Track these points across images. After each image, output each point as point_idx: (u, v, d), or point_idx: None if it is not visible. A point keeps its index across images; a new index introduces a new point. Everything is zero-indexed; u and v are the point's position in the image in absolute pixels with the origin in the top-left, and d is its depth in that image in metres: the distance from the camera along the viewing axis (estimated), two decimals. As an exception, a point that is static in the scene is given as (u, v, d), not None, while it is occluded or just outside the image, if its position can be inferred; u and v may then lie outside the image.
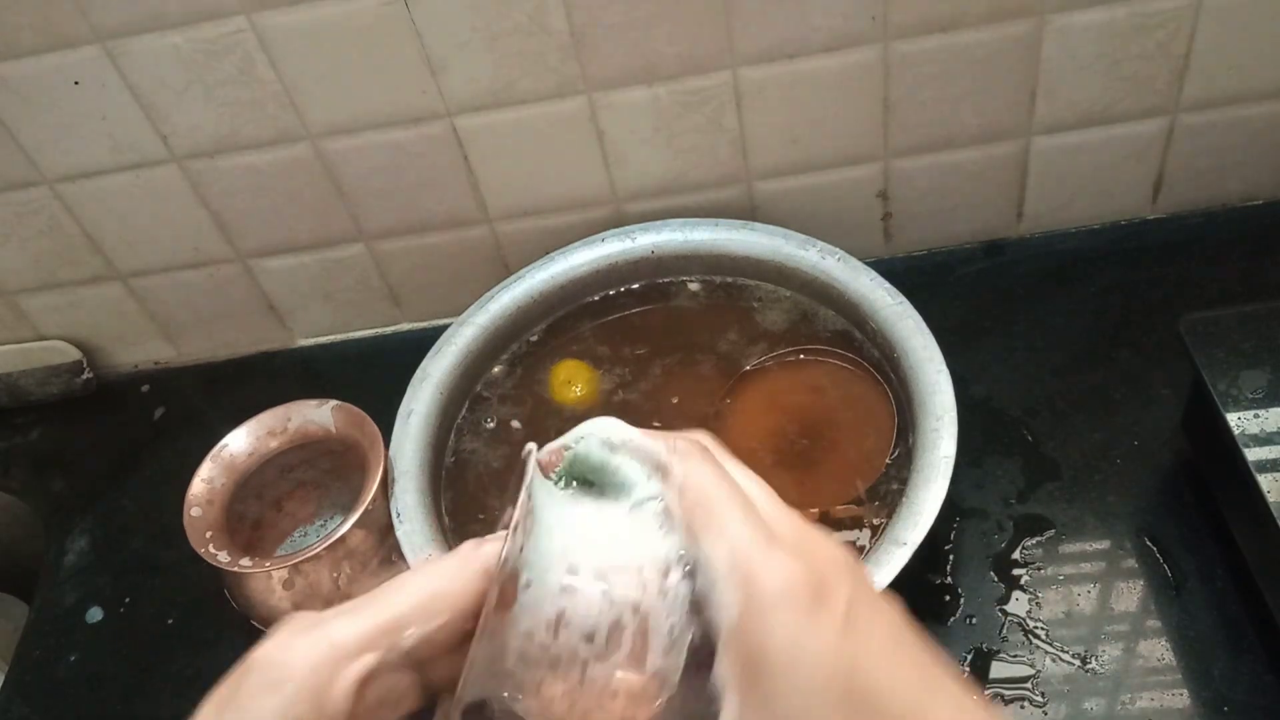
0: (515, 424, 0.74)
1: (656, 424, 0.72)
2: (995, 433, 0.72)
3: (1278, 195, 0.80)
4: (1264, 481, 0.55)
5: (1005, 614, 0.64)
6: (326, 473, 0.76)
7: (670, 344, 0.76)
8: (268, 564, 0.65)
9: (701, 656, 0.32)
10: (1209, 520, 0.65)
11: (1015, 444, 0.71)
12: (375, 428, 0.69)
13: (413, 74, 0.71)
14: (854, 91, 0.73)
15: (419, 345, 0.75)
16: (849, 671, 0.30)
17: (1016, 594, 0.64)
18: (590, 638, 0.32)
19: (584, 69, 0.72)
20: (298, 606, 0.66)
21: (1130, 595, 0.63)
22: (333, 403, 0.71)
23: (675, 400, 0.72)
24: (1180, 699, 0.59)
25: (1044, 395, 0.73)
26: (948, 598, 0.65)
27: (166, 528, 0.73)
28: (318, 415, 0.71)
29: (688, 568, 0.33)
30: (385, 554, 0.67)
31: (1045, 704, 0.60)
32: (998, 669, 0.61)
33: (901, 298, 0.69)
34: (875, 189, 0.79)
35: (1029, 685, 0.61)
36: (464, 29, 0.69)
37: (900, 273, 0.71)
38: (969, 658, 0.62)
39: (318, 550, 0.64)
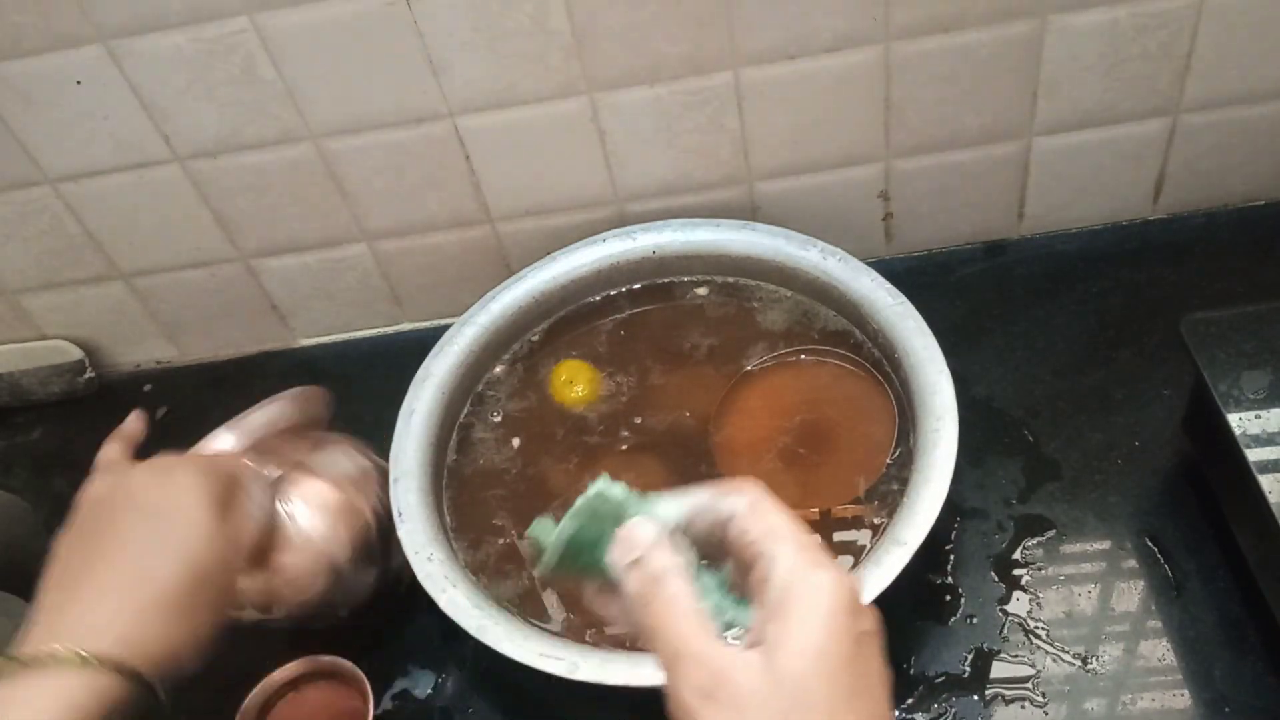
0: (517, 431, 0.74)
1: (650, 422, 0.72)
2: (996, 433, 0.72)
3: (1279, 196, 0.80)
4: (1265, 482, 0.55)
5: (1006, 614, 0.64)
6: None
7: (671, 344, 0.76)
8: (269, 563, 0.65)
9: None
10: (1210, 521, 0.65)
11: (1016, 444, 0.71)
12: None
13: (415, 74, 0.71)
14: (855, 92, 0.73)
15: (421, 345, 0.75)
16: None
17: (1017, 594, 0.64)
18: None
19: (585, 69, 0.72)
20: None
21: (1131, 595, 0.63)
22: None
23: (676, 400, 0.73)
24: (1181, 699, 0.59)
25: (1045, 395, 0.73)
26: (948, 597, 0.65)
27: (168, 527, 0.72)
28: (319, 415, 0.71)
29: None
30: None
31: (1046, 704, 0.60)
32: (998, 669, 0.61)
33: (902, 298, 0.69)
34: (876, 189, 0.79)
35: (1029, 685, 0.61)
36: (466, 29, 0.69)
37: (901, 273, 0.71)
38: (969, 657, 0.62)
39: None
